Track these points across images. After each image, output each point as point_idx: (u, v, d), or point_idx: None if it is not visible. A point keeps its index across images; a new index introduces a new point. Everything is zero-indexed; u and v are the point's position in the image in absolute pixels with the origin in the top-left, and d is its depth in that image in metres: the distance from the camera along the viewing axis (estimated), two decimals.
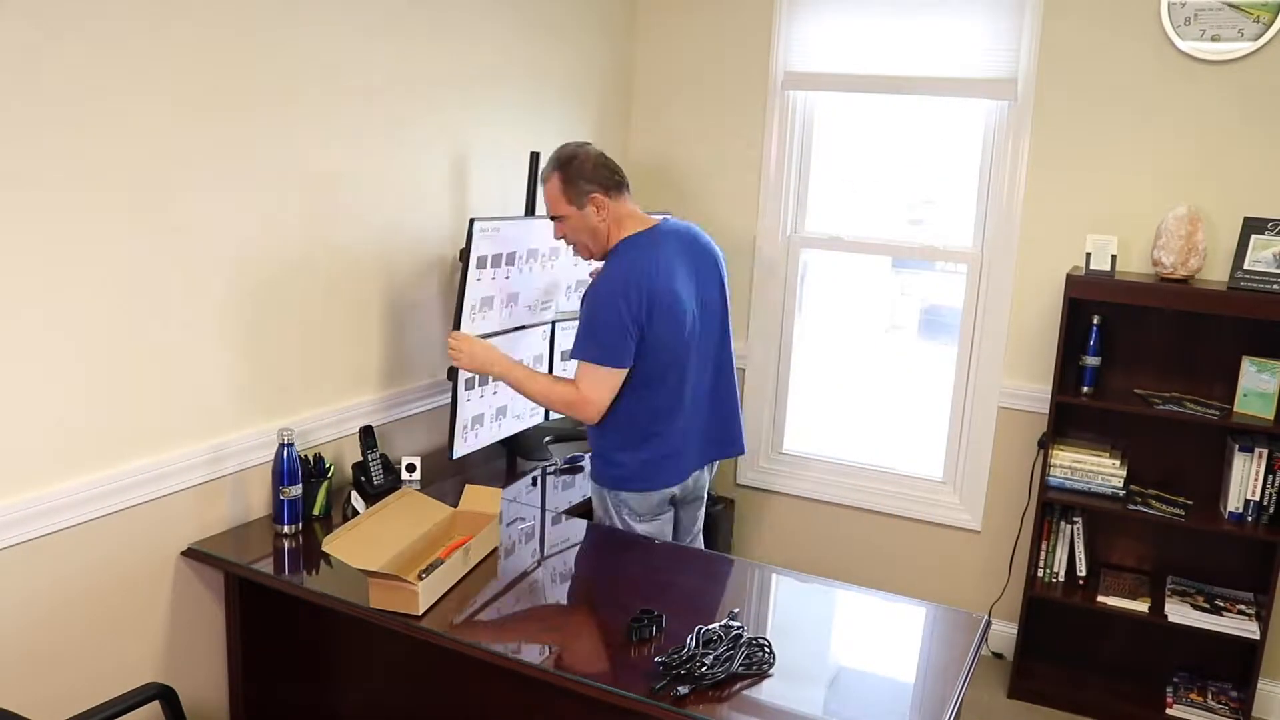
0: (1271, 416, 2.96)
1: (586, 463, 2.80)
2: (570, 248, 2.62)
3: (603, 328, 2.40)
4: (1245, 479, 3.00)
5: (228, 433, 2.37)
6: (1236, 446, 3.01)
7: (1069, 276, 3.10)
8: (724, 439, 2.72)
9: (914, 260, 3.55)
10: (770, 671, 1.87)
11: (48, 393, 1.96)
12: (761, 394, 3.83)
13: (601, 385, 2.43)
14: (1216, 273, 3.07)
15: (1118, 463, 3.17)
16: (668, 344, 2.45)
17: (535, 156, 3.07)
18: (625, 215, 2.50)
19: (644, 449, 2.52)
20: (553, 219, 2.54)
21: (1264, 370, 2.98)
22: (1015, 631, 3.33)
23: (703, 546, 2.86)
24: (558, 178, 2.47)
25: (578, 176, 2.45)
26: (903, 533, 3.67)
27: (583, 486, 2.91)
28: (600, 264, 2.57)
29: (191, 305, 2.23)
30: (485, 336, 2.70)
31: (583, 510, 2.73)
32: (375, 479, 2.64)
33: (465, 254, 2.61)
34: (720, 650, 1.86)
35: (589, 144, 2.54)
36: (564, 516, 2.68)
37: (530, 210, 3.10)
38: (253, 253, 2.36)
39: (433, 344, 3.01)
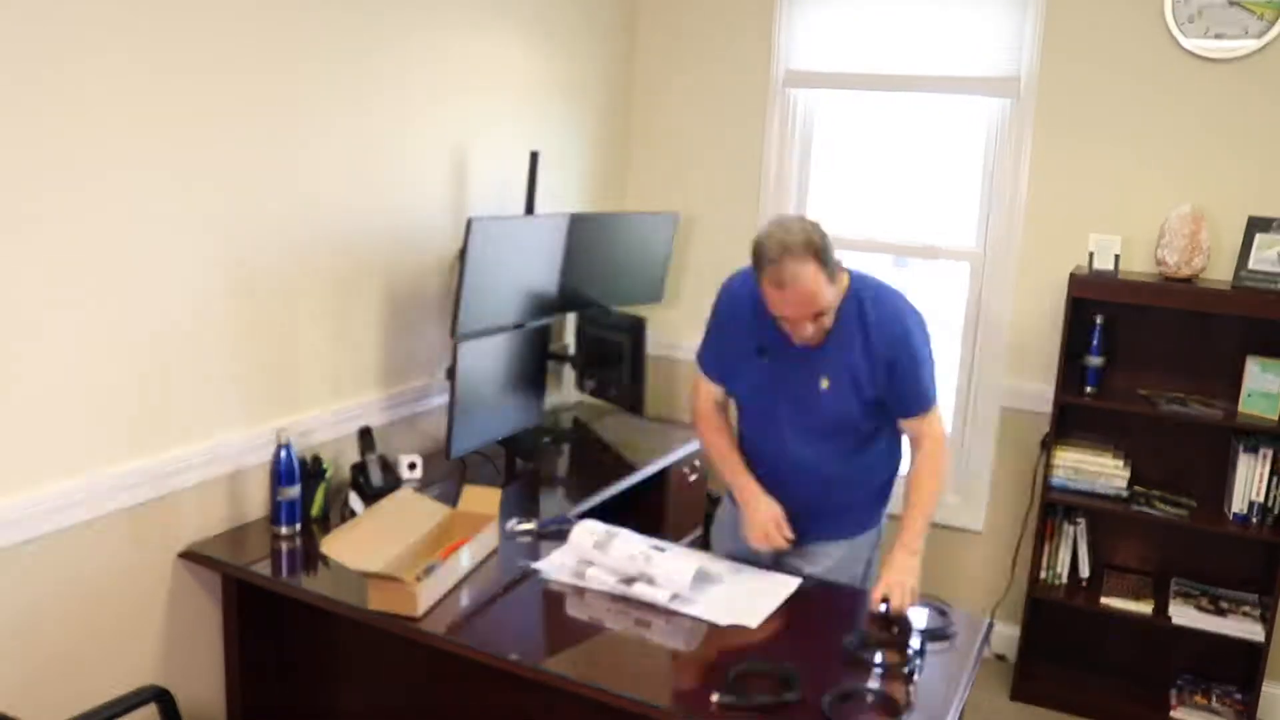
0: (1276, 417, 2.94)
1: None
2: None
3: (930, 367, 2.25)
4: (1250, 480, 2.98)
5: (225, 433, 2.36)
6: (1241, 447, 2.99)
7: (1072, 276, 3.09)
8: None
9: (915, 258, 3.54)
10: None
11: (45, 393, 1.95)
12: None
13: (941, 421, 2.31)
14: (1220, 272, 3.05)
15: (1121, 463, 3.16)
16: None
17: (535, 156, 3.06)
18: None
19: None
20: (816, 316, 2.10)
21: (1268, 370, 2.96)
22: (1018, 633, 3.31)
23: None
24: (815, 264, 2.02)
25: (828, 254, 2.07)
26: None
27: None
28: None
29: (189, 305, 2.21)
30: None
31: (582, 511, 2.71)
32: (373, 480, 2.63)
33: (464, 254, 2.60)
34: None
35: (796, 218, 2.14)
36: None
37: (530, 210, 3.08)
38: (251, 252, 2.35)
39: (432, 344, 2.99)
